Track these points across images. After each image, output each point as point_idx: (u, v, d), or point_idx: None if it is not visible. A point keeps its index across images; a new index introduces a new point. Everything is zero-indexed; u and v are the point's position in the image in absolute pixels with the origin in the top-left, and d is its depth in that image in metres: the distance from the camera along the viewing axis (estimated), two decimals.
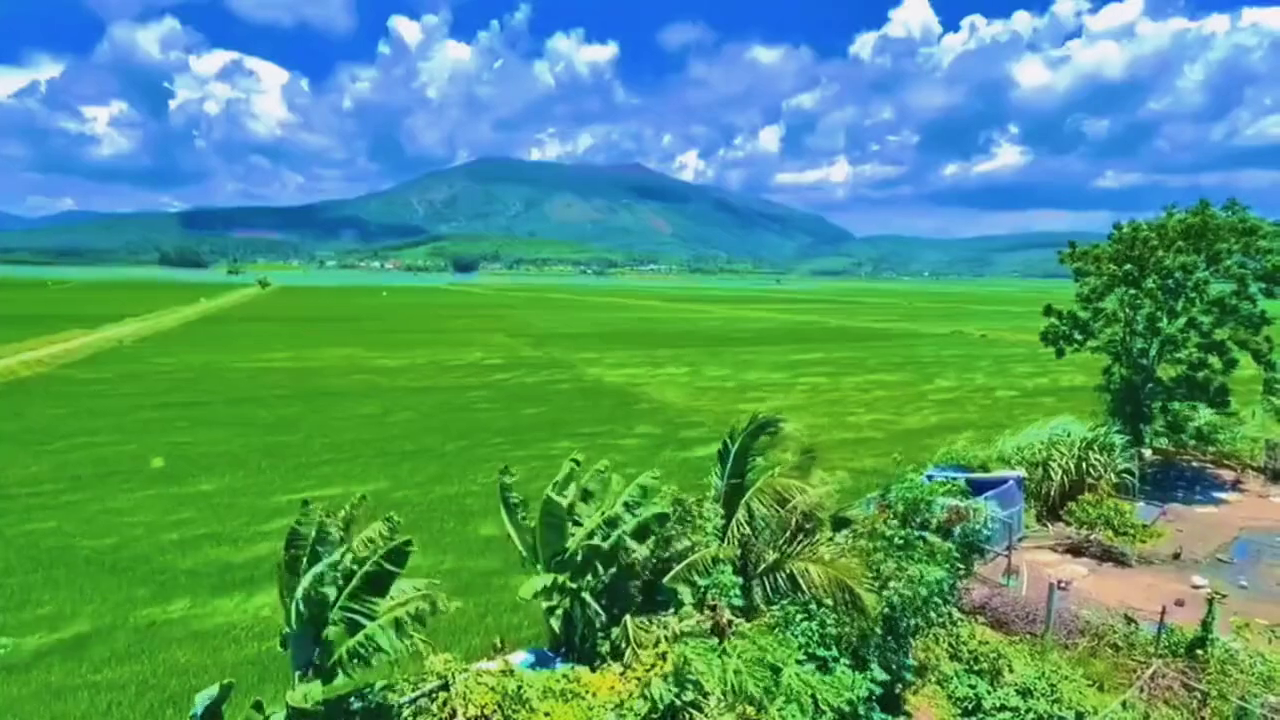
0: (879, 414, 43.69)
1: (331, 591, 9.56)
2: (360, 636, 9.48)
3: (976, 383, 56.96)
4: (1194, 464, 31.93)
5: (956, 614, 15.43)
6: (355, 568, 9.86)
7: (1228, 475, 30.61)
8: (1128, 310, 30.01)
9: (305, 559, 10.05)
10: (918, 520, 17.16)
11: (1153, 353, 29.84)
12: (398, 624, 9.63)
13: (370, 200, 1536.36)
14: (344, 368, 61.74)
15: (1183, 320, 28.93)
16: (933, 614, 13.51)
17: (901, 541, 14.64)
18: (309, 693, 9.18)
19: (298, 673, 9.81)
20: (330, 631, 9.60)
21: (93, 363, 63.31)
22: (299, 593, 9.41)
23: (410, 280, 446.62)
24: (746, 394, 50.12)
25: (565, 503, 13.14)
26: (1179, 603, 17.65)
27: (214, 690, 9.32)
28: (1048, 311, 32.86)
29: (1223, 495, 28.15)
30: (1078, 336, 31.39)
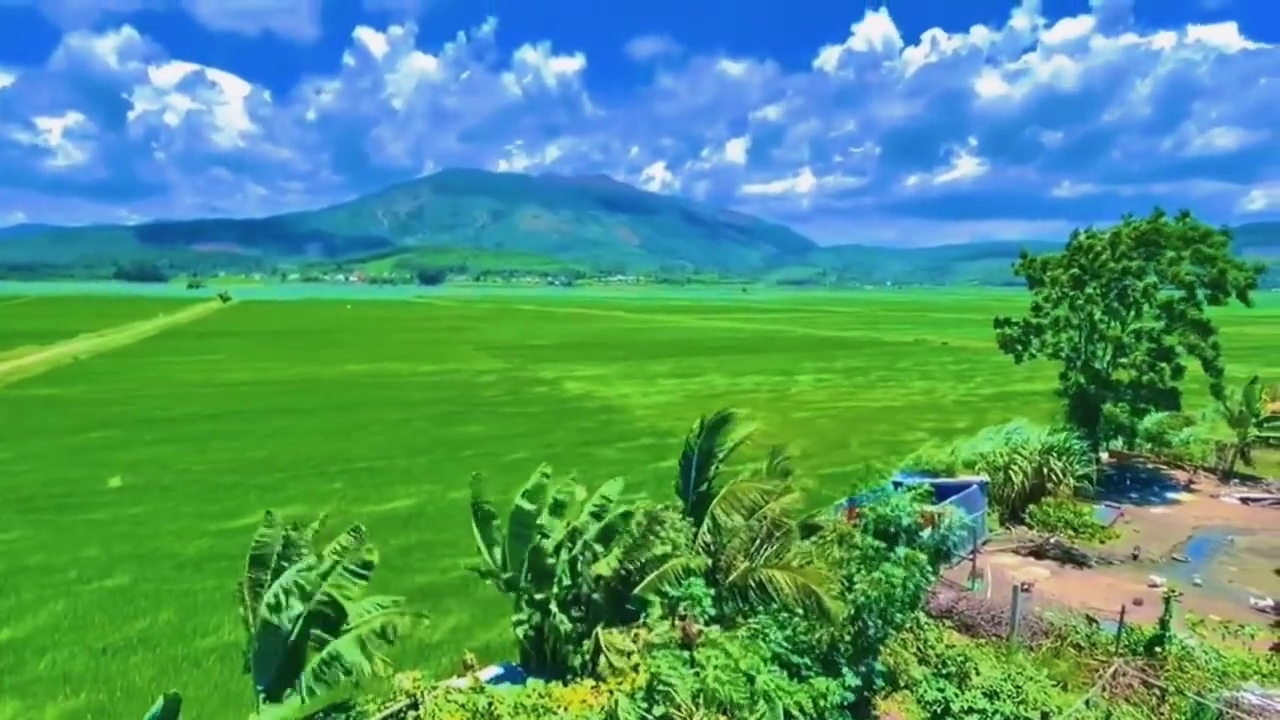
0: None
1: (296, 608, 9.36)
2: (325, 654, 9.28)
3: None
4: (1149, 466, 32.78)
5: (924, 618, 15.62)
6: (319, 581, 9.68)
7: (1181, 476, 31.46)
8: (1079, 316, 30.81)
9: (270, 575, 9.83)
10: (889, 529, 17.34)
11: (1105, 358, 30.65)
12: (363, 641, 9.46)
13: (334, 212, 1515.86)
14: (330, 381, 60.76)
15: (1134, 326, 29.77)
16: (899, 617, 13.65)
17: (873, 553, 14.77)
18: (273, 716, 8.97)
19: (261, 695, 9.58)
20: (294, 651, 9.40)
21: (46, 380, 61.47)
22: (261, 609, 9.21)
23: (375, 293, 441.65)
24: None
25: (534, 513, 13.06)
26: (1138, 602, 18.07)
27: (158, 706, 8.97)
28: (998, 323, 33.63)
29: (1176, 496, 28.93)
30: (1033, 342, 32.15)
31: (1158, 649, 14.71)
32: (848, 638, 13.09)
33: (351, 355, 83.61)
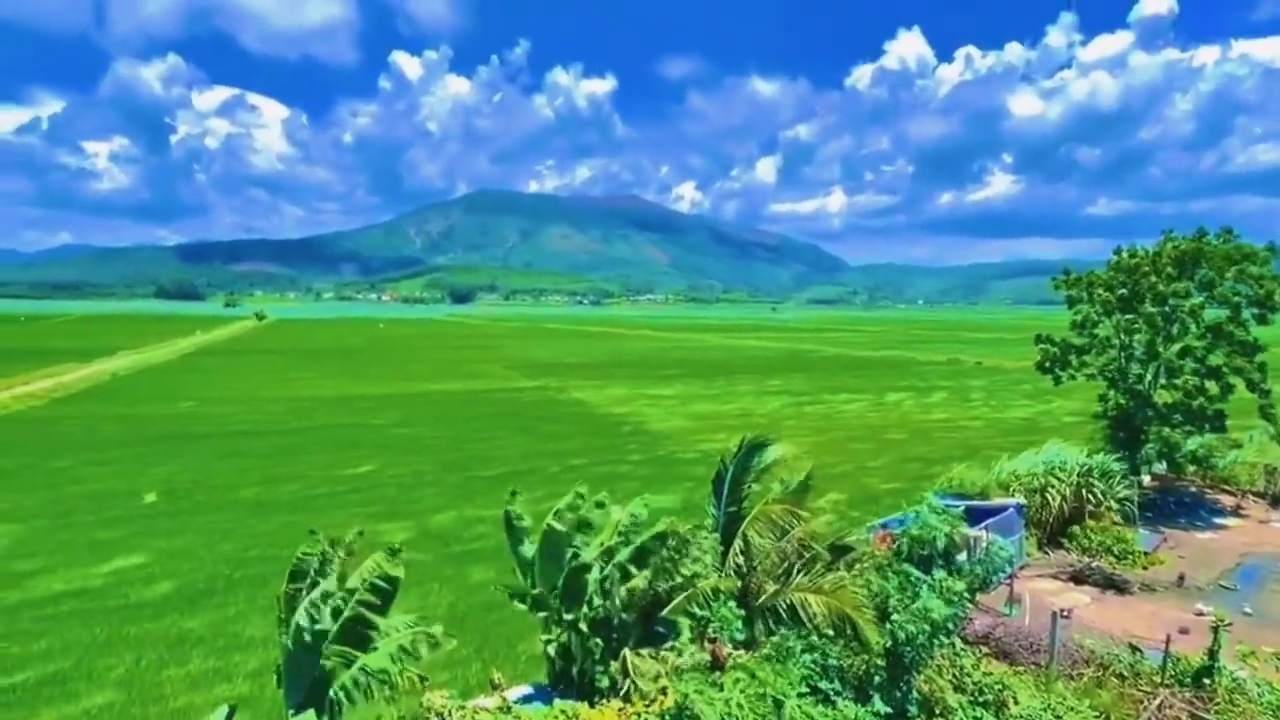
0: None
1: (326, 623, 9.37)
2: (354, 670, 9.29)
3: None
4: (1193, 489, 31.82)
5: (960, 644, 15.23)
6: (349, 597, 9.69)
7: (1228, 500, 30.49)
8: (1123, 336, 30.12)
9: (305, 591, 9.87)
10: (924, 553, 16.97)
11: (1149, 378, 29.91)
12: (393, 658, 9.44)
13: (368, 232, 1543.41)
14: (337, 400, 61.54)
15: (1179, 346, 29.05)
16: (936, 643, 13.32)
17: (908, 579, 14.45)
18: None
19: (291, 711, 9.59)
20: (324, 666, 9.40)
21: (85, 396, 63.07)
22: (292, 625, 9.24)
23: (406, 311, 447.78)
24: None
25: (565, 531, 12.99)
26: (1183, 631, 17.46)
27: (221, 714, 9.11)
28: (1039, 340, 33.00)
29: (1223, 521, 28.01)
30: (1073, 362, 31.50)
31: (1206, 681, 14.16)
32: (881, 663, 12.79)
33: (392, 372, 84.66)
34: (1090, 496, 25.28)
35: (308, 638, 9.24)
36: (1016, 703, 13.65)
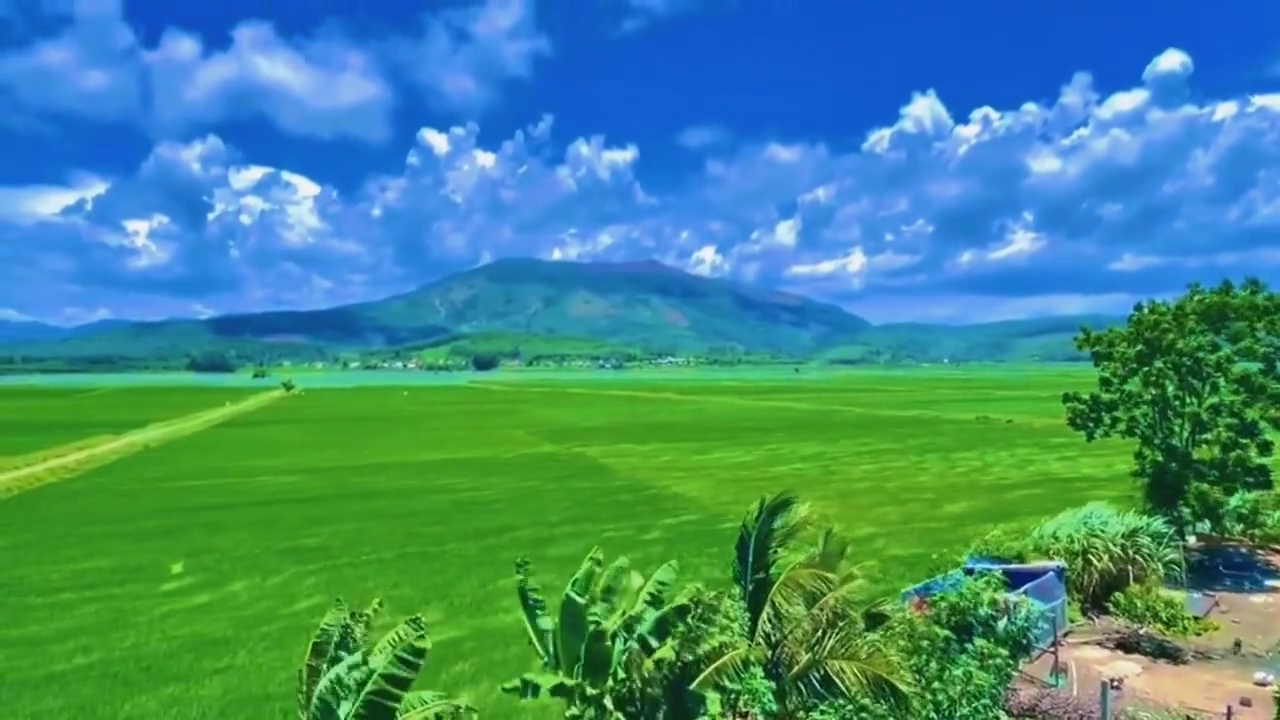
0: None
1: (348, 697, 9.14)
2: None
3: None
4: (1243, 550, 30.56)
5: (1004, 717, 14.52)
6: (372, 670, 9.47)
7: None
8: (1152, 391, 29.53)
9: (327, 664, 9.68)
10: (959, 619, 16.37)
11: (1184, 435, 29.13)
12: None
13: (394, 303, 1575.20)
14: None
15: (1209, 400, 28.37)
16: (977, 712, 12.72)
17: (944, 645, 13.90)
18: None
19: None
20: None
21: (117, 468, 63.88)
22: (314, 700, 9.02)
23: (430, 379, 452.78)
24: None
25: (585, 602, 12.68)
26: (1245, 702, 16.52)
27: None
28: (1067, 399, 32.49)
29: (1277, 583, 26.77)
30: (1105, 419, 30.86)
31: None
32: None
33: (415, 440, 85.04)
34: (1134, 558, 24.35)
35: (330, 713, 9.01)
36: None
